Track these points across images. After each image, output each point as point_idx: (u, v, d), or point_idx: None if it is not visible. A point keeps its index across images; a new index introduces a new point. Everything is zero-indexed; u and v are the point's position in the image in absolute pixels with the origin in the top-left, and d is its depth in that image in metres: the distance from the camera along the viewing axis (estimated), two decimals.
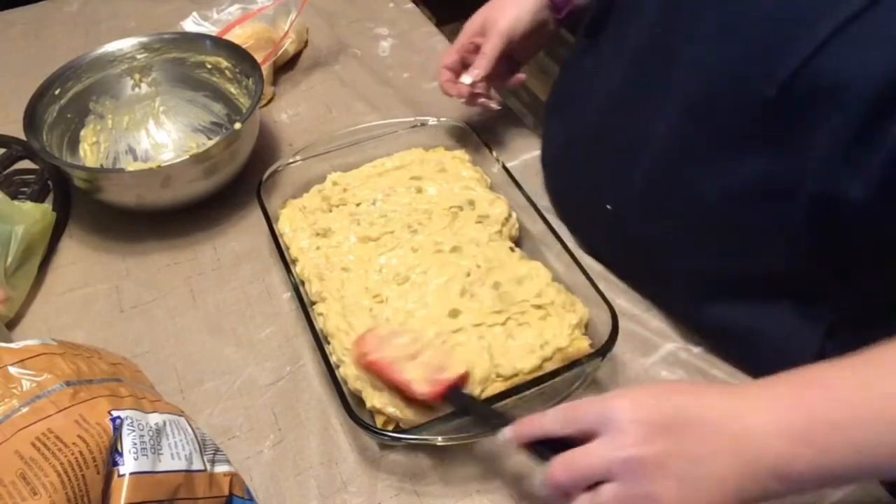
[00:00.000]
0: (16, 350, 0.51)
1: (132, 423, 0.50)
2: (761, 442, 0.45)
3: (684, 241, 0.66)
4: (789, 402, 0.46)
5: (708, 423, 0.46)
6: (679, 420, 0.47)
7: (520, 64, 0.86)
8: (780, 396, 0.46)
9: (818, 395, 0.45)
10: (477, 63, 0.81)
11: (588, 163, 0.76)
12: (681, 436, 0.46)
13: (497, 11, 0.80)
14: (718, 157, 0.59)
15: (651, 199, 0.67)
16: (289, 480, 0.61)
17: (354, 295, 0.68)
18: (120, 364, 0.59)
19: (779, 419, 0.45)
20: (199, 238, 0.82)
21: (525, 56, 0.85)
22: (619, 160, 0.70)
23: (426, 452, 0.63)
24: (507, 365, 0.62)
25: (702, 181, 0.62)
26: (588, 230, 0.78)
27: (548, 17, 0.81)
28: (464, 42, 0.82)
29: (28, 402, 0.47)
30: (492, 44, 0.79)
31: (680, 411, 0.47)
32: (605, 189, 0.72)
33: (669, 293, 0.72)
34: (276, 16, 1.02)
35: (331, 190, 0.79)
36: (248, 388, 0.68)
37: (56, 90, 0.84)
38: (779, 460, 0.44)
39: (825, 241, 0.57)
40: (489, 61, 0.80)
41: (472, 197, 0.77)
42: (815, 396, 0.45)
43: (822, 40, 0.49)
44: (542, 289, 0.67)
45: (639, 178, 0.67)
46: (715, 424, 0.46)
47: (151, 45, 0.90)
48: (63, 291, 0.77)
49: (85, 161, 0.86)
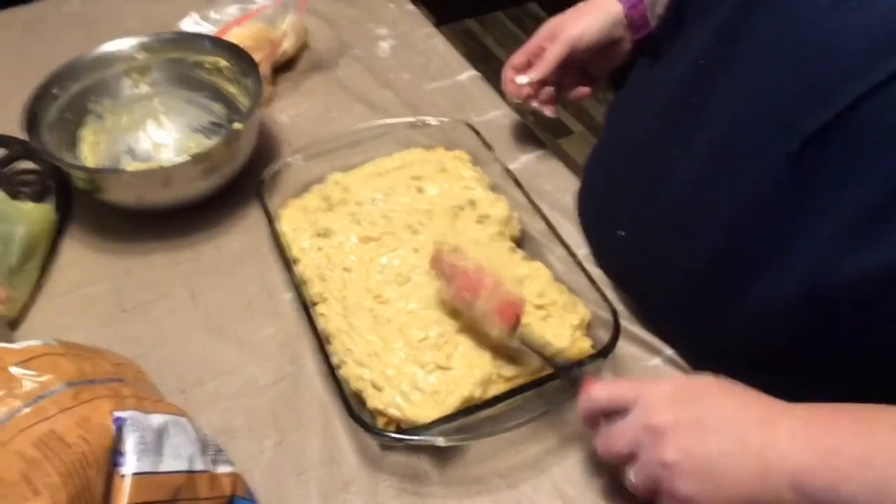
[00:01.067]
0: (18, 350, 0.51)
1: (134, 424, 0.50)
2: (787, 452, 0.46)
3: (683, 292, 0.65)
4: (823, 422, 0.47)
5: (737, 421, 0.48)
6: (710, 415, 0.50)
7: (594, 79, 0.85)
8: (815, 416, 0.47)
9: (851, 427, 0.46)
10: (536, 65, 0.81)
11: (615, 184, 0.75)
12: (708, 432, 0.49)
13: (569, 19, 0.80)
14: (729, 210, 0.58)
15: (661, 237, 0.66)
16: (290, 481, 0.61)
17: (356, 295, 0.68)
18: (122, 364, 0.59)
19: (808, 435, 0.46)
20: (200, 238, 0.82)
21: (598, 70, 0.84)
22: (641, 190, 0.69)
23: (427, 453, 0.63)
24: (509, 366, 0.62)
25: (713, 229, 0.60)
26: (600, 246, 0.78)
27: (623, 35, 0.80)
28: (533, 45, 0.82)
29: (30, 403, 0.47)
30: (554, 50, 0.79)
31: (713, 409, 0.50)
32: (623, 214, 0.72)
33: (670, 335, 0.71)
34: (276, 16, 1.02)
35: (331, 190, 0.79)
36: (249, 388, 0.68)
37: (56, 90, 0.84)
38: (799, 474, 0.45)
39: (814, 328, 0.55)
40: (548, 66, 0.80)
41: (472, 197, 0.77)
42: (847, 427, 0.46)
43: (867, 90, 0.47)
44: (543, 289, 0.68)
45: (654, 213, 0.66)
46: (744, 425, 0.48)
47: (151, 45, 0.90)
48: (64, 292, 0.77)
49: (85, 161, 0.86)
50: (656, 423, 0.50)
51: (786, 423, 0.47)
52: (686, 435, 0.49)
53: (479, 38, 2.71)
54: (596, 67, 0.83)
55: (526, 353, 0.63)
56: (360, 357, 0.64)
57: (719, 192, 0.59)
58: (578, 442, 0.63)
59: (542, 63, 0.80)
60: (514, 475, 0.61)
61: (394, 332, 0.65)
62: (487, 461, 0.62)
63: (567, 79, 0.83)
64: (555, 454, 0.62)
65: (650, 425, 0.50)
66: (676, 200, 0.64)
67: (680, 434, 0.49)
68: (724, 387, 0.52)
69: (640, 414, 0.52)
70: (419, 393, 0.61)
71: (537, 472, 0.61)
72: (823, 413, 0.48)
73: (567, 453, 0.62)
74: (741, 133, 0.56)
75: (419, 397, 0.61)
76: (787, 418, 0.48)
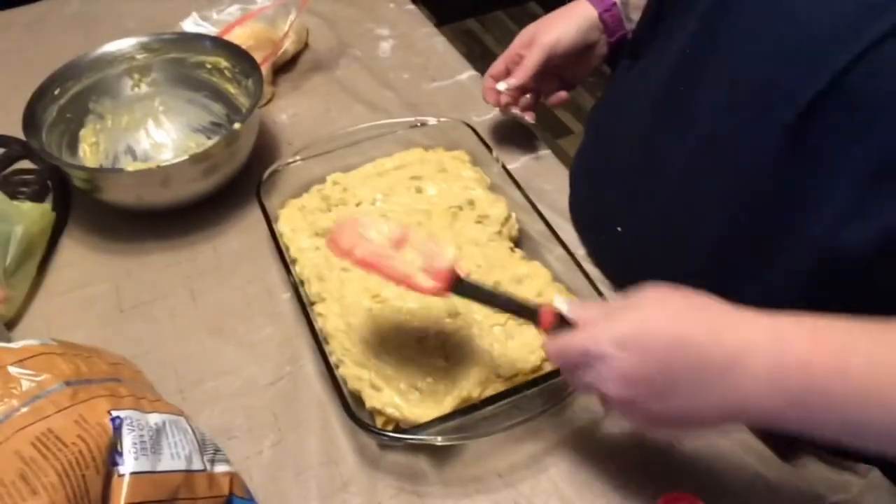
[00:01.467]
0: (15, 350, 0.51)
1: (132, 423, 0.50)
2: (751, 394, 0.45)
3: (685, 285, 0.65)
4: (797, 363, 0.44)
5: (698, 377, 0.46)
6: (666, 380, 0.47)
7: (572, 84, 0.86)
8: (787, 352, 0.45)
9: (825, 362, 0.44)
10: (515, 73, 0.82)
11: (605, 186, 0.75)
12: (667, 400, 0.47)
13: (545, 26, 0.81)
14: (729, 196, 0.58)
15: (660, 232, 0.66)
16: (288, 480, 0.61)
17: (354, 295, 0.68)
18: (119, 364, 0.59)
19: (778, 378, 0.44)
20: (199, 238, 0.82)
21: (573, 76, 0.85)
22: (634, 188, 0.69)
23: (426, 452, 0.63)
24: (507, 365, 0.62)
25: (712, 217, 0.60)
26: (597, 247, 0.78)
27: (598, 39, 0.80)
28: (511, 53, 0.83)
29: (28, 402, 0.47)
30: (532, 56, 0.80)
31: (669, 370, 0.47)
32: (617, 214, 0.72)
33: None
34: (276, 16, 1.02)
35: (331, 190, 0.79)
36: (247, 388, 0.68)
37: (56, 90, 0.84)
38: (762, 414, 0.46)
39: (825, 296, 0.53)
40: (526, 72, 0.81)
41: (472, 197, 0.77)
42: (822, 365, 0.44)
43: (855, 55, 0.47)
44: (542, 289, 0.68)
45: (650, 209, 0.67)
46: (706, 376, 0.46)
47: (151, 45, 0.90)
48: (63, 291, 0.77)
49: (85, 161, 0.86)
50: (613, 397, 0.49)
51: (752, 365, 0.45)
52: (644, 407, 0.48)
53: (479, 38, 2.71)
54: (573, 72, 0.84)
55: (526, 353, 0.63)
56: (358, 357, 0.64)
57: (717, 179, 0.59)
58: (577, 441, 0.63)
59: (521, 70, 0.81)
60: (513, 474, 0.61)
61: (392, 331, 0.65)
62: (486, 461, 0.62)
63: (545, 85, 0.84)
64: (553, 454, 0.62)
65: (608, 397, 0.49)
66: (672, 193, 0.64)
67: (637, 409, 0.49)
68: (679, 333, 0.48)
69: (596, 379, 0.49)
70: (417, 392, 0.61)
71: (536, 471, 0.61)
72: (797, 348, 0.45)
73: (565, 453, 0.62)
74: (734, 114, 0.57)
75: (417, 397, 0.61)
76: (753, 355, 0.45)
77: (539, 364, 0.63)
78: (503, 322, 0.65)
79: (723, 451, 0.61)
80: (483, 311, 0.66)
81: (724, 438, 0.62)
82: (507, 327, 0.65)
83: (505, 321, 0.65)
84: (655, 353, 0.47)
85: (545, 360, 0.63)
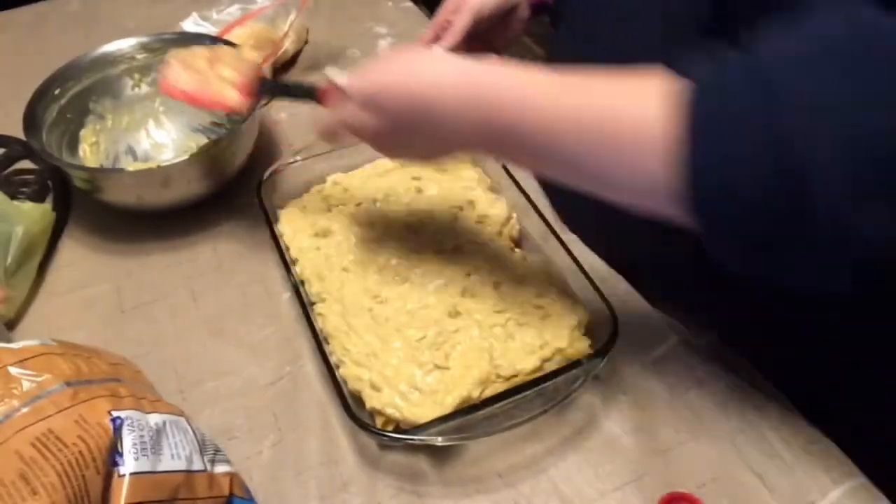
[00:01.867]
0: (15, 350, 0.51)
1: (132, 424, 0.50)
2: (460, 132, 0.53)
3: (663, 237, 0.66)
4: (487, 102, 0.51)
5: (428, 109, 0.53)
6: (404, 130, 0.56)
7: (496, 51, 0.87)
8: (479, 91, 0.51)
9: (518, 103, 0.50)
10: (444, 37, 0.82)
11: None
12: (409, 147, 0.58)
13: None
14: None
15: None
16: (289, 480, 0.61)
17: (354, 295, 0.68)
18: (120, 364, 0.59)
19: (476, 122, 0.51)
20: (199, 238, 0.82)
21: (500, 40, 0.86)
22: None
23: (426, 453, 0.63)
24: (507, 365, 0.62)
25: None
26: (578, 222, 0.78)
27: (520, 1, 0.82)
28: (440, 19, 0.84)
29: (28, 403, 0.47)
30: (460, 20, 0.81)
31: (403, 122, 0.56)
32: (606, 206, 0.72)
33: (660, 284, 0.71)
34: (276, 16, 1.02)
35: (331, 190, 0.79)
36: (247, 388, 0.68)
37: (56, 90, 0.84)
38: (475, 147, 0.55)
39: None
40: (455, 36, 0.81)
41: (472, 197, 0.77)
42: (514, 107, 0.50)
43: None
44: (542, 289, 0.68)
45: None
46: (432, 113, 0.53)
47: (151, 45, 0.90)
48: (63, 292, 0.77)
49: (85, 161, 0.86)
50: (377, 150, 0.61)
51: (449, 102, 0.52)
52: (399, 152, 0.62)
53: None
54: (498, 37, 0.85)
55: (526, 353, 0.63)
56: (358, 357, 0.64)
57: None
58: (577, 442, 0.63)
59: (450, 35, 0.81)
60: (513, 475, 0.61)
61: (392, 331, 0.65)
62: (486, 461, 0.62)
63: (474, 50, 0.83)
64: (553, 454, 0.62)
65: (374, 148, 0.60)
66: None
67: (395, 154, 0.63)
68: (409, 90, 0.54)
69: (362, 139, 0.60)
70: (417, 393, 0.61)
71: (536, 471, 0.61)
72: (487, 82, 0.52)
73: (566, 453, 0.62)
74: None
75: (417, 397, 0.61)
76: (447, 96, 0.52)
77: (539, 364, 0.63)
78: (503, 322, 0.65)
79: (723, 451, 0.61)
80: (483, 311, 0.66)
81: (724, 438, 0.62)
82: (508, 327, 0.65)
83: (505, 321, 0.65)
84: (389, 111, 0.56)
85: (545, 360, 0.63)
